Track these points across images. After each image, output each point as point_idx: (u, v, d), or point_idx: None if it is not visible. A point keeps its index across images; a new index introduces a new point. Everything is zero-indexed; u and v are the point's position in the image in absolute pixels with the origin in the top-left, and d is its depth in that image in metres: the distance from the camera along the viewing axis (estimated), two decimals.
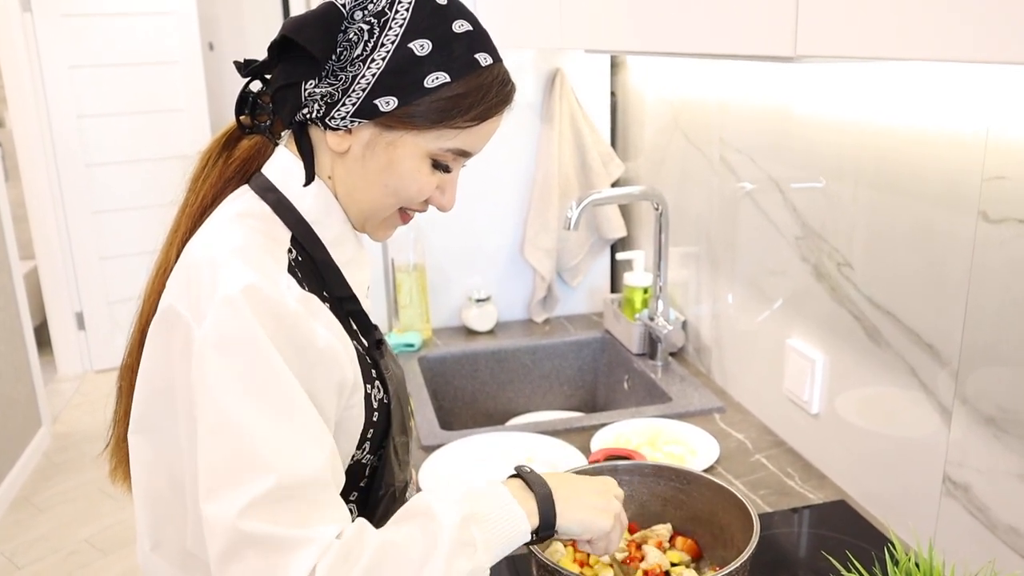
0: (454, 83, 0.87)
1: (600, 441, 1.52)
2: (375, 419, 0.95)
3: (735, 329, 1.73)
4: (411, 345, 2.01)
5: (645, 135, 2.09)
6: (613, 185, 2.17)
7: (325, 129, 0.89)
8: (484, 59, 0.90)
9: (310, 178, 0.92)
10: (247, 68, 0.92)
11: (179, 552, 0.93)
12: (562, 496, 0.90)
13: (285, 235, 0.91)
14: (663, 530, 1.15)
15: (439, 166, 0.92)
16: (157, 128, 4.37)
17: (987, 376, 1.07)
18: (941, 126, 1.11)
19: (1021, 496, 1.03)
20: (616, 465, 1.20)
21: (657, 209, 1.82)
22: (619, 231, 2.20)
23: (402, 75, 0.86)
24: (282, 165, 0.94)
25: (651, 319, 1.89)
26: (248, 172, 0.97)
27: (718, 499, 1.14)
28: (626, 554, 1.10)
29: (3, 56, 4.12)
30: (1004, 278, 1.02)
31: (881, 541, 1.20)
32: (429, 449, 1.54)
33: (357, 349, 0.93)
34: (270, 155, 0.96)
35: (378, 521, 0.94)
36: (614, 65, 2.19)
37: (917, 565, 0.85)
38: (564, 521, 0.90)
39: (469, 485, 0.89)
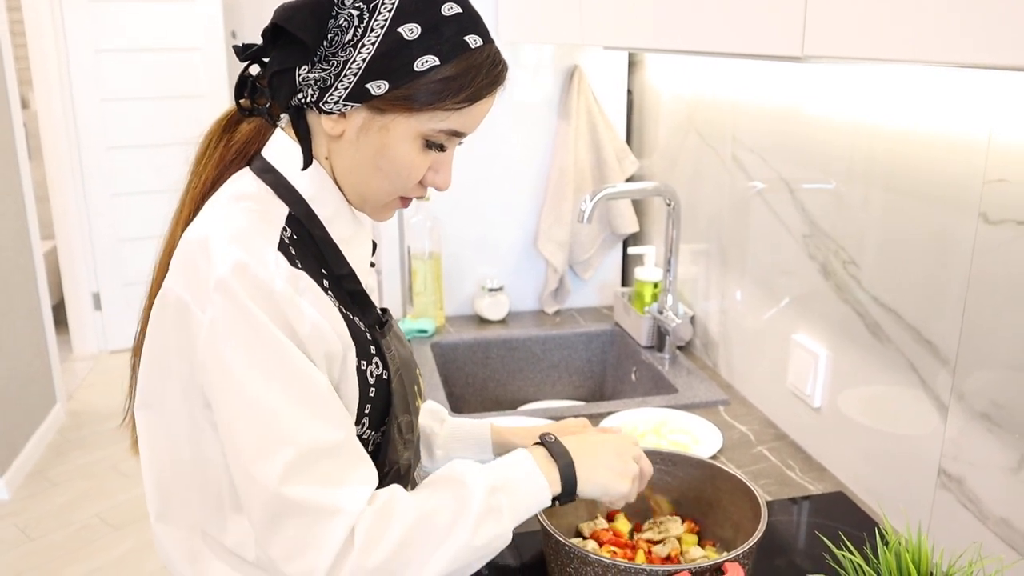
0: (444, 66, 0.88)
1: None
2: (372, 395, 0.97)
3: (742, 325, 1.76)
4: (424, 331, 2.06)
5: (660, 133, 2.12)
6: (627, 181, 2.21)
7: (320, 113, 0.91)
8: (474, 41, 0.90)
9: (307, 162, 0.94)
10: (245, 52, 0.94)
11: (184, 522, 0.97)
12: (583, 464, 0.99)
13: (281, 214, 0.92)
14: (674, 526, 1.19)
15: (432, 146, 0.93)
16: (178, 113, 4.43)
17: (983, 373, 1.11)
18: (945, 129, 1.14)
19: (1012, 489, 1.07)
20: None
21: (669, 205, 1.86)
22: (631, 226, 2.24)
23: (392, 59, 0.87)
24: (280, 147, 0.96)
25: (660, 312, 1.93)
26: (248, 154, 1.00)
27: (706, 478, 1.20)
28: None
29: (31, 39, 4.18)
30: (1001, 278, 1.06)
31: (876, 530, 1.24)
32: None
33: (355, 326, 0.95)
34: (270, 137, 0.98)
35: None
36: (632, 64, 2.23)
37: (906, 548, 0.89)
38: (584, 487, 1.00)
39: (498, 460, 0.97)
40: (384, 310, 1.07)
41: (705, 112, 1.87)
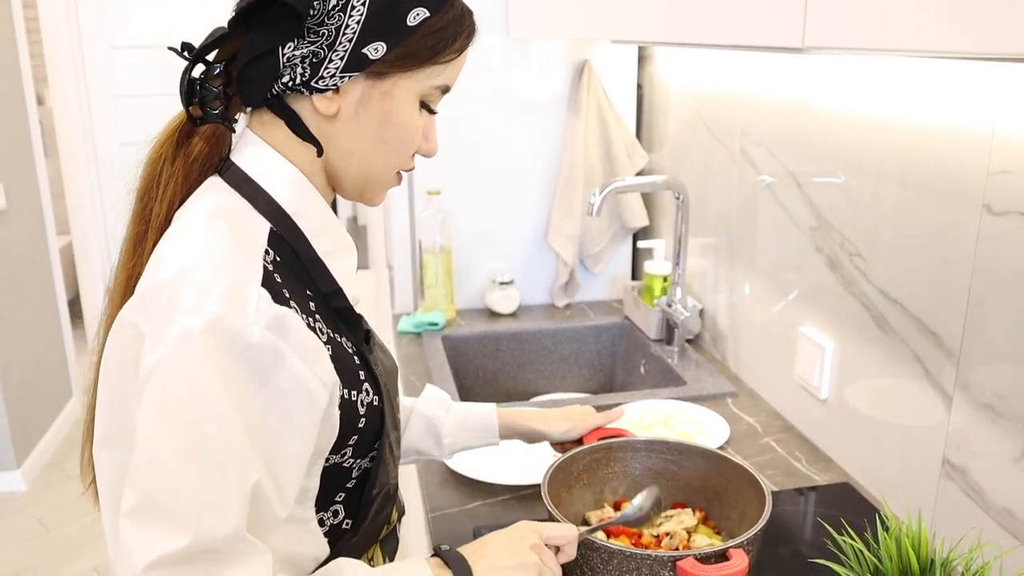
0: (434, 17, 0.85)
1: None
2: (362, 425, 0.90)
3: (750, 318, 1.78)
4: (435, 324, 2.08)
5: (669, 127, 2.14)
6: (636, 175, 2.22)
7: (311, 93, 0.84)
8: None
9: (320, 149, 0.88)
10: (190, 52, 0.87)
11: None
12: (479, 567, 0.90)
13: (262, 233, 0.84)
14: (688, 518, 1.20)
15: (425, 107, 0.90)
16: None
17: (987, 364, 1.12)
18: (949, 122, 1.15)
19: (1015, 478, 1.08)
20: (609, 443, 1.26)
21: (678, 199, 1.87)
22: (641, 220, 2.25)
23: (386, 17, 0.82)
24: (256, 153, 0.87)
25: (669, 306, 1.95)
26: (213, 167, 0.90)
27: (712, 467, 1.21)
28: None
29: (46, 36, 4.22)
30: (1005, 270, 1.07)
31: (877, 516, 1.25)
32: None
33: (343, 352, 0.88)
34: (230, 143, 0.90)
35: (371, 521, 0.97)
36: (641, 58, 2.24)
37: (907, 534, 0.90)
38: None
39: (391, 566, 0.93)
40: (363, 322, 1.00)
41: (714, 106, 1.88)
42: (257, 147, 0.88)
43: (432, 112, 0.92)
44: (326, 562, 0.92)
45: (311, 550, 0.91)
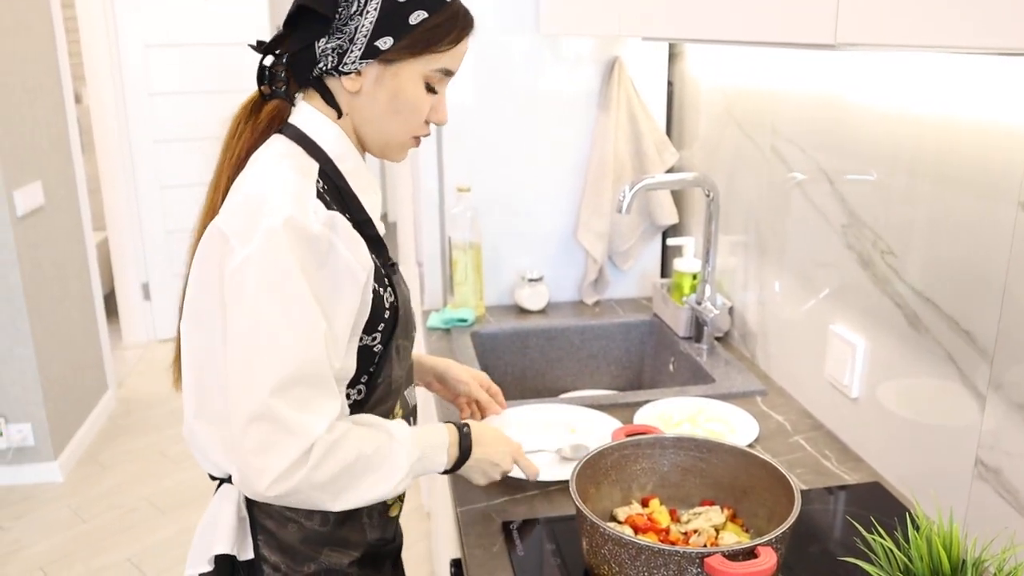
0: (431, 16, 1.09)
1: (642, 417, 1.58)
2: (386, 316, 1.15)
3: (780, 316, 1.77)
4: (464, 320, 2.08)
5: (700, 124, 2.13)
6: (667, 172, 2.21)
7: (339, 76, 1.11)
8: None
9: (340, 111, 1.14)
10: (261, 47, 1.15)
11: (216, 418, 1.14)
12: (474, 458, 1.24)
13: (313, 169, 1.11)
14: (716, 515, 1.20)
15: (429, 88, 1.13)
16: (224, 107, 4.42)
17: (1021, 363, 1.10)
18: (983, 118, 1.14)
19: None
20: (639, 440, 1.26)
21: (708, 196, 1.87)
22: (671, 218, 2.24)
23: (392, 18, 1.07)
24: (308, 116, 1.15)
25: (698, 303, 1.94)
26: (273, 128, 1.17)
27: (740, 464, 1.21)
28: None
29: (83, 35, 4.29)
30: None
31: (908, 516, 1.24)
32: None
33: (373, 261, 1.13)
34: (289, 113, 1.17)
35: (371, 406, 1.19)
36: (672, 55, 2.23)
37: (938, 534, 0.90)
38: (463, 472, 1.25)
39: (423, 427, 1.21)
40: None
41: (745, 103, 1.87)
42: (309, 113, 1.15)
43: (434, 92, 1.15)
44: None
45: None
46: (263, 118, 1.18)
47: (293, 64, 1.13)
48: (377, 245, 1.17)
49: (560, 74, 2.14)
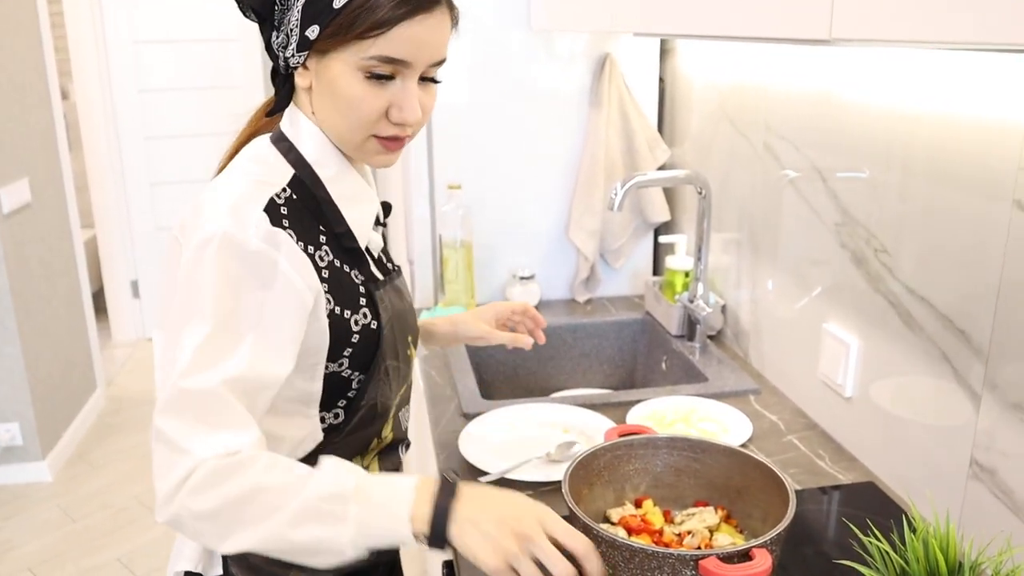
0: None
1: (635, 416, 1.57)
2: (355, 340, 1.07)
3: (773, 314, 1.76)
4: None
5: (692, 121, 2.12)
6: (658, 169, 2.20)
7: (291, 71, 1.05)
8: None
9: (278, 107, 1.10)
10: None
11: None
12: (463, 517, 0.87)
13: (283, 177, 1.04)
14: (710, 516, 1.19)
15: (378, 76, 1.00)
16: (214, 104, 4.49)
17: (1017, 362, 1.10)
18: (979, 115, 1.13)
19: None
20: (631, 440, 1.25)
21: (701, 194, 1.86)
22: (663, 215, 2.23)
23: (316, 3, 0.98)
24: (291, 117, 1.09)
25: (691, 301, 1.93)
26: (271, 127, 1.14)
27: (734, 464, 1.20)
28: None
29: (70, 30, 4.26)
30: None
31: (904, 518, 1.23)
32: (469, 416, 1.60)
33: (346, 278, 1.06)
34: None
35: (356, 424, 1.11)
36: (663, 52, 2.22)
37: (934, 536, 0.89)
38: (456, 542, 0.87)
39: (386, 475, 0.93)
40: (396, 268, 1.21)
41: (737, 100, 1.86)
42: (292, 115, 1.09)
43: (379, 79, 1.00)
44: (315, 453, 1.08)
45: (297, 434, 1.08)
46: (261, 114, 1.17)
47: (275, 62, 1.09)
48: (357, 259, 1.10)
49: (551, 71, 2.13)
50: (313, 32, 0.99)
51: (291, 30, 1.01)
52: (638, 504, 1.24)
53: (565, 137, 2.18)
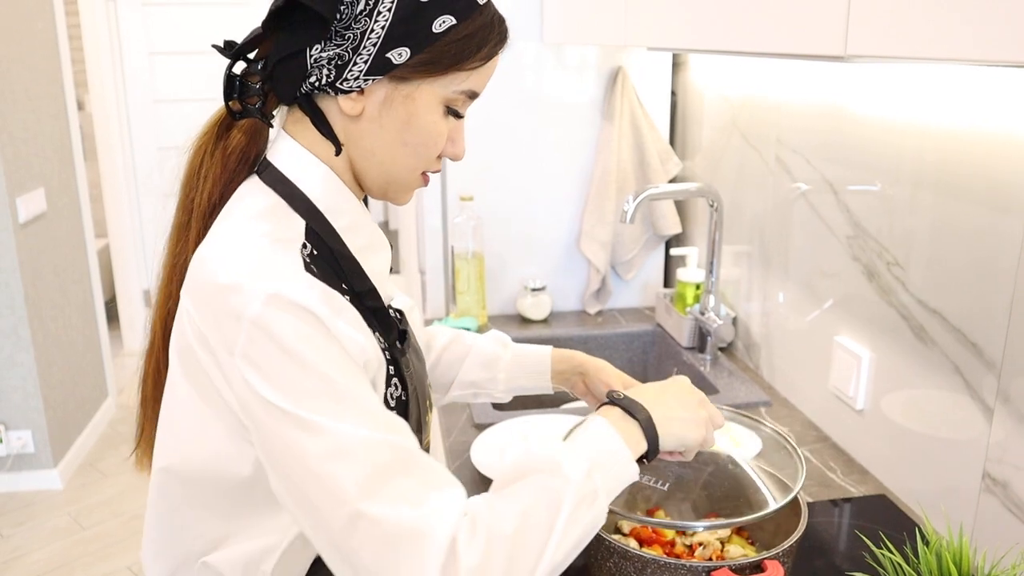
0: (461, 24, 0.85)
1: None
2: None
3: (784, 326, 1.76)
4: (467, 330, 2.07)
5: (703, 134, 2.12)
6: (670, 182, 2.21)
7: (336, 94, 0.87)
8: None
9: (339, 147, 0.90)
10: (232, 50, 0.91)
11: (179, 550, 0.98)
12: (660, 418, 0.92)
13: (299, 229, 0.87)
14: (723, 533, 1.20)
15: (451, 112, 0.91)
16: None
17: None
18: (991, 129, 1.14)
19: None
20: None
21: (712, 206, 1.86)
22: (674, 228, 2.24)
23: (410, 23, 0.83)
24: (289, 152, 0.90)
25: (702, 314, 1.93)
26: (250, 160, 0.94)
27: (746, 478, 1.19)
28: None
29: (87, 42, 4.30)
30: None
31: (917, 530, 1.23)
32: (481, 427, 1.60)
33: (375, 347, 0.89)
34: (267, 138, 0.93)
35: None
36: (675, 65, 2.23)
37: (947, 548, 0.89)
38: (664, 443, 0.93)
39: (576, 436, 0.89)
40: (400, 313, 1.04)
41: (749, 113, 1.87)
42: (291, 146, 0.91)
43: (458, 116, 0.93)
44: None
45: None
46: (234, 146, 0.92)
47: (275, 75, 0.89)
48: (382, 320, 0.94)
49: (563, 83, 2.14)
50: (401, 56, 0.84)
51: (361, 47, 0.84)
52: (650, 515, 1.24)
53: (577, 149, 2.19)
